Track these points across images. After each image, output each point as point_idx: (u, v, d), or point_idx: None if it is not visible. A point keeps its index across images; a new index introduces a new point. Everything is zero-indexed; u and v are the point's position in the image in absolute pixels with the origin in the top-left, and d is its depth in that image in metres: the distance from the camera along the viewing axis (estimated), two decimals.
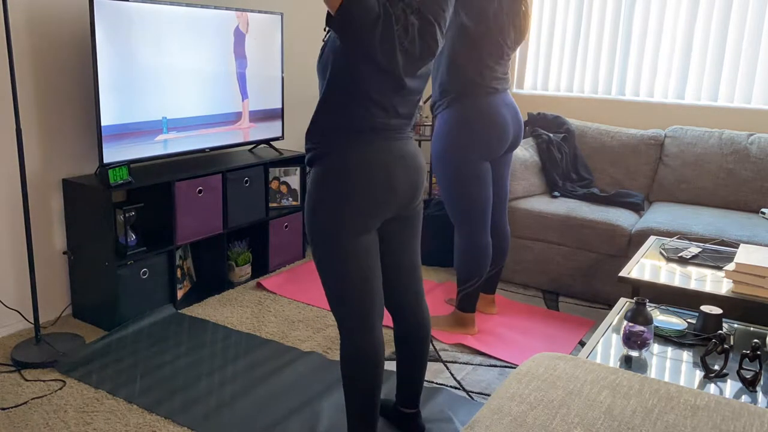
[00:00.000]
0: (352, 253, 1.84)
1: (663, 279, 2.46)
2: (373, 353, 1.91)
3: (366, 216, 1.82)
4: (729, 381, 1.87)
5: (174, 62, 3.05)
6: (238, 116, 3.46)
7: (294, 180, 3.74)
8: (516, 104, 2.92)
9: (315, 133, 1.84)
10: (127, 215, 2.85)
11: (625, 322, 1.98)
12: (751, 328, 2.24)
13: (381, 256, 2.01)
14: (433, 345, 2.84)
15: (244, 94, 3.30)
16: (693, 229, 3.13)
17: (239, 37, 3.31)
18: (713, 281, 2.44)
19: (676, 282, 2.43)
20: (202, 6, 3.14)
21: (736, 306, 2.46)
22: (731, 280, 2.40)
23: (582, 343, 2.92)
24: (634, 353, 2.00)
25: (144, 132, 2.97)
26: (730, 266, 2.36)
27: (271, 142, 3.86)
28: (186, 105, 3.15)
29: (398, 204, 1.89)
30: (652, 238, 2.97)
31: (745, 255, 2.39)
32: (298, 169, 3.74)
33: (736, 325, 2.26)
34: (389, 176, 1.82)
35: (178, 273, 3.23)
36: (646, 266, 2.59)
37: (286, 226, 3.72)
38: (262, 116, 3.62)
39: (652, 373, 1.91)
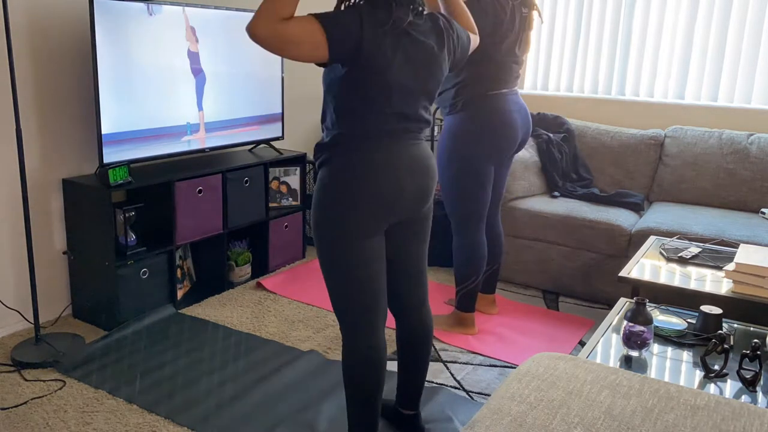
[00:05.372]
0: (358, 256, 1.81)
1: (663, 279, 2.46)
2: (376, 356, 1.90)
3: (373, 218, 1.80)
4: (729, 381, 1.87)
5: (174, 63, 3.05)
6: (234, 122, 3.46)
7: (294, 180, 3.74)
8: (526, 106, 2.91)
9: (324, 143, 1.83)
10: (127, 215, 2.85)
11: (625, 322, 1.98)
12: (751, 328, 2.24)
13: (387, 260, 1.99)
14: (433, 345, 2.83)
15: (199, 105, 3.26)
16: (693, 229, 3.13)
17: (193, 57, 3.23)
18: (713, 281, 2.44)
19: (676, 282, 2.43)
20: (202, 6, 3.14)
21: (736, 306, 2.45)
22: (731, 280, 2.40)
23: (582, 343, 2.92)
24: (634, 353, 2.00)
25: (145, 137, 2.97)
26: (730, 266, 2.36)
27: (271, 142, 3.86)
28: (185, 107, 3.15)
29: (407, 207, 1.86)
30: (652, 238, 2.97)
31: (745, 255, 2.39)
32: (298, 169, 3.74)
33: (736, 325, 2.26)
34: (397, 178, 1.80)
35: (178, 273, 3.23)
36: (646, 266, 2.59)
37: (286, 226, 3.72)
38: (262, 117, 3.62)
39: (652, 373, 1.91)
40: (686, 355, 2.02)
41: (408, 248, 1.99)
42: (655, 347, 2.07)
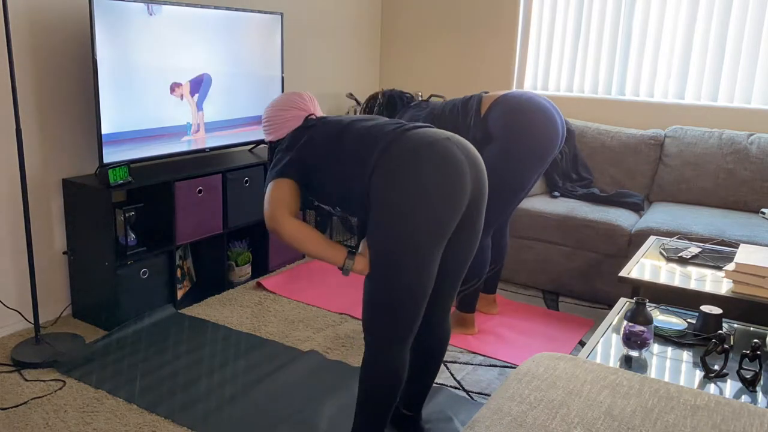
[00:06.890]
0: (427, 261, 1.71)
1: (663, 279, 2.46)
2: (403, 369, 1.85)
3: (450, 203, 1.69)
4: (729, 381, 1.87)
5: (174, 63, 3.05)
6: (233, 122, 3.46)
7: None
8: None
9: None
10: (127, 215, 2.85)
11: (625, 322, 1.98)
12: (751, 328, 2.24)
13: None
14: None
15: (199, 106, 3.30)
16: (693, 229, 3.13)
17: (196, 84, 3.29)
18: (713, 281, 2.44)
19: (676, 282, 2.43)
20: (202, 6, 3.14)
21: (736, 306, 2.46)
22: (731, 280, 2.40)
23: (582, 343, 2.92)
24: (634, 353, 2.00)
25: (144, 137, 2.98)
26: (730, 266, 2.36)
27: None
28: (185, 107, 3.16)
29: (472, 188, 1.77)
30: (652, 238, 2.97)
31: (745, 255, 2.39)
32: None
33: (736, 325, 2.26)
34: (449, 151, 1.71)
35: (178, 273, 3.23)
36: (646, 266, 2.59)
37: None
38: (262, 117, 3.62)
39: (652, 373, 1.91)
40: (686, 355, 2.02)
41: (461, 247, 1.89)
42: (655, 347, 2.07)
